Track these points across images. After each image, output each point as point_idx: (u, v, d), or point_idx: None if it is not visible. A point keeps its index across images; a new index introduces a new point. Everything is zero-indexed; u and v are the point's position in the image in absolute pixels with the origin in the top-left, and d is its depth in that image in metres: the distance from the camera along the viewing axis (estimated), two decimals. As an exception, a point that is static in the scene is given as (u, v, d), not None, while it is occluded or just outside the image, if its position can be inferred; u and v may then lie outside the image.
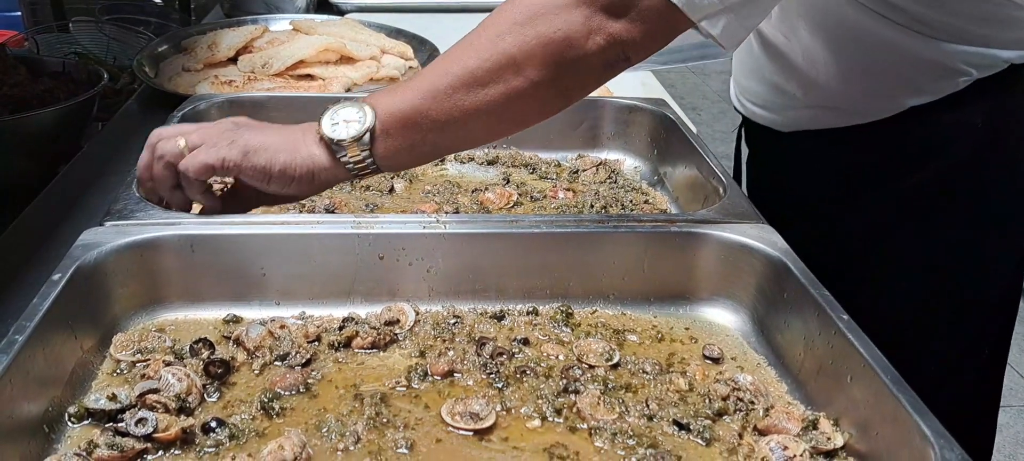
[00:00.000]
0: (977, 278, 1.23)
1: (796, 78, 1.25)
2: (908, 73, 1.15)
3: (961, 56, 1.12)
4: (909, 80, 1.15)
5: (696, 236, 1.08)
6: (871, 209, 1.24)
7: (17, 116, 1.43)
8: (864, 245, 1.26)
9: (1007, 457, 2.64)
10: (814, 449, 0.83)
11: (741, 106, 1.40)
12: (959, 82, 1.14)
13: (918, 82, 1.15)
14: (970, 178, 1.18)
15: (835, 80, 1.20)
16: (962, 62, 1.13)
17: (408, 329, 1.02)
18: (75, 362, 0.89)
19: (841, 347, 0.88)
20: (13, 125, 1.39)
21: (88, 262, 0.94)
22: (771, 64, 1.28)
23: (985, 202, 1.19)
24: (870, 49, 1.16)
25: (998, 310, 1.28)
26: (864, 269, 1.25)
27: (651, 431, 0.87)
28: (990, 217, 1.20)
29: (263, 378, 0.92)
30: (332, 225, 1.06)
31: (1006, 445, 2.69)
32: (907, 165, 1.20)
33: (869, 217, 1.25)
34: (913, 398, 0.78)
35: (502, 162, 1.48)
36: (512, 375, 0.95)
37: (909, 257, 1.23)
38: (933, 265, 1.22)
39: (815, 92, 1.23)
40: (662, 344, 1.03)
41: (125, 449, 0.79)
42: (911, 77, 1.15)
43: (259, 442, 0.83)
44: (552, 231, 1.08)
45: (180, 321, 1.01)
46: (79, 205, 1.20)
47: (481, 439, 0.86)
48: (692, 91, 5.90)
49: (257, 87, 1.63)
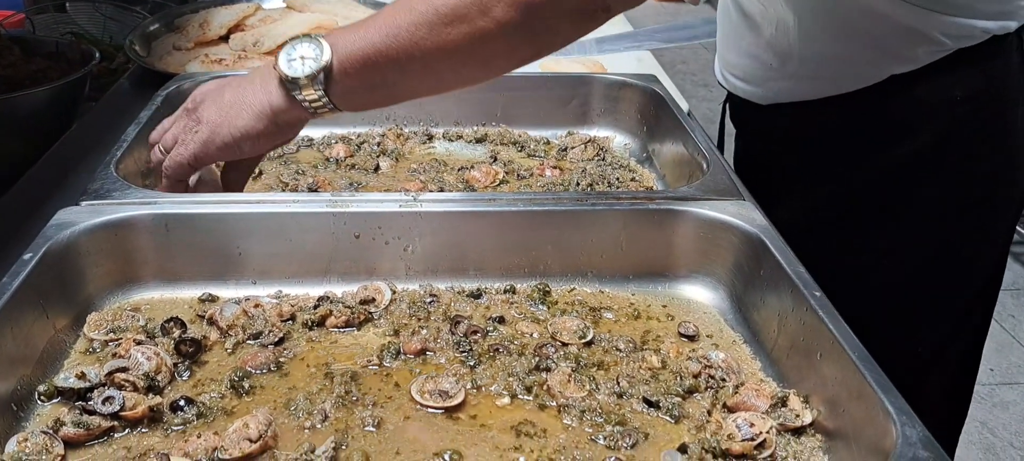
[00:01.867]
0: (960, 257, 1.22)
1: (772, 48, 1.23)
2: (884, 41, 1.13)
3: (939, 25, 1.10)
4: (885, 48, 1.13)
5: (675, 213, 1.07)
6: (853, 184, 1.23)
7: (9, 96, 1.44)
8: (847, 221, 1.25)
9: (1014, 435, 2.62)
10: (782, 426, 0.83)
11: (724, 80, 1.39)
12: (935, 51, 1.11)
13: (895, 49, 1.13)
14: (951, 153, 1.16)
15: (810, 48, 1.18)
16: (940, 32, 1.10)
17: (384, 308, 1.02)
18: (47, 341, 0.89)
19: (812, 324, 0.87)
20: (5, 105, 1.40)
21: (60, 241, 0.94)
22: (749, 34, 1.27)
23: (967, 177, 1.18)
24: (844, 16, 1.14)
25: (983, 287, 1.27)
26: (848, 245, 1.24)
27: (620, 408, 0.87)
28: (971, 193, 1.19)
29: (235, 357, 0.93)
30: (308, 204, 1.06)
31: (1012, 422, 2.67)
32: (887, 139, 1.18)
33: (851, 192, 1.23)
34: (879, 376, 0.77)
35: (490, 140, 1.47)
36: (485, 353, 0.95)
37: (891, 233, 1.22)
38: (915, 242, 1.21)
39: (791, 62, 1.21)
40: (638, 321, 1.02)
41: (92, 427, 0.79)
42: (887, 45, 1.13)
43: (226, 420, 0.84)
44: (530, 209, 1.07)
45: (155, 300, 1.02)
46: (63, 184, 1.20)
47: (450, 417, 0.86)
48: (704, 67, 5.84)
49: (248, 66, 1.63)
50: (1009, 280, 3.35)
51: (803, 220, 1.14)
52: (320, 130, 1.46)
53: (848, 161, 1.22)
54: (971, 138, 1.16)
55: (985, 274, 1.25)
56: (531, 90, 1.52)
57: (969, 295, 1.25)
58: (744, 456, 0.80)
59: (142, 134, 1.22)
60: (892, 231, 1.22)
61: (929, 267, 1.22)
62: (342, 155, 1.38)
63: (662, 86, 1.48)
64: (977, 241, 1.22)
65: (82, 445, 0.79)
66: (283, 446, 0.80)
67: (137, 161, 1.18)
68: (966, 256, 1.22)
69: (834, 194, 1.25)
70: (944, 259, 1.21)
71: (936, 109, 1.14)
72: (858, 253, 1.24)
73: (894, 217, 1.21)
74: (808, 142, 1.26)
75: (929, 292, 1.23)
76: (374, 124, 1.49)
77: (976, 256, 1.23)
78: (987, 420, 2.68)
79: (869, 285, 1.22)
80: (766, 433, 0.80)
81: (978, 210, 1.19)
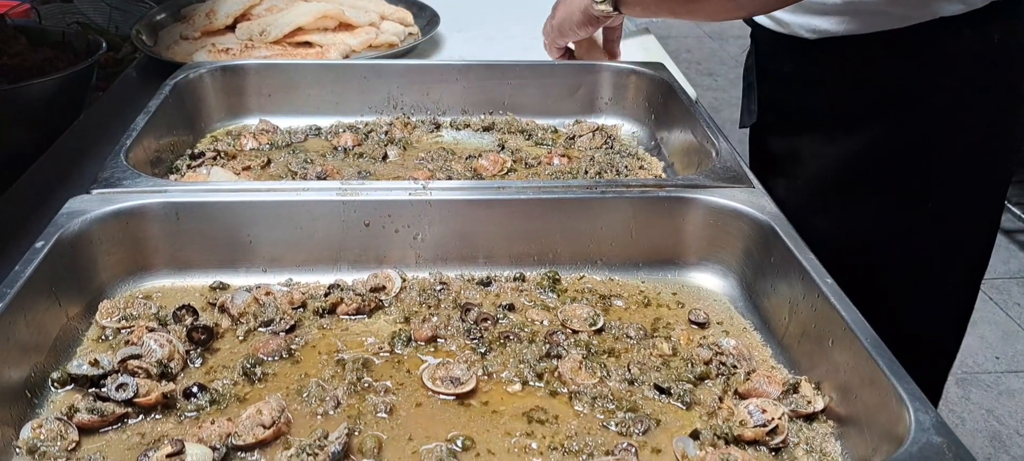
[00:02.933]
0: (964, 211, 1.26)
1: None
2: None
3: None
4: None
5: (685, 201, 1.07)
6: (885, 127, 1.24)
7: (16, 85, 1.44)
8: (872, 167, 1.27)
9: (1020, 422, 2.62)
10: (794, 412, 0.83)
11: (770, 20, 1.38)
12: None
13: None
14: (974, 105, 1.20)
15: None
16: None
17: (394, 296, 1.02)
18: (59, 329, 0.89)
19: (824, 311, 0.87)
20: (12, 94, 1.40)
21: (71, 230, 0.94)
22: None
23: (983, 130, 1.21)
24: None
25: (983, 242, 1.31)
26: (871, 193, 1.27)
27: (631, 395, 0.87)
28: (983, 145, 1.22)
29: (247, 344, 0.93)
30: (318, 192, 1.06)
31: (1018, 410, 2.67)
32: (926, 80, 1.20)
33: (879, 136, 1.25)
34: (891, 361, 0.77)
35: (498, 128, 1.47)
36: (495, 340, 0.95)
37: (910, 179, 1.25)
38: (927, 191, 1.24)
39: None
40: (648, 309, 1.03)
41: (106, 413, 0.80)
42: None
43: (239, 407, 0.84)
44: (540, 197, 1.07)
45: (167, 288, 1.02)
46: (72, 173, 1.20)
47: (461, 403, 0.86)
48: (709, 56, 5.83)
49: (254, 55, 1.62)
50: (1015, 268, 3.34)
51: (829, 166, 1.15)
52: (328, 119, 1.46)
53: (884, 103, 1.23)
54: (998, 86, 1.20)
55: (986, 229, 1.30)
56: (538, 78, 1.51)
57: (961, 270, 1.28)
58: (756, 442, 0.80)
59: (152, 123, 1.22)
60: (904, 194, 1.24)
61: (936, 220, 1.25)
62: (350, 144, 1.38)
63: (670, 74, 1.48)
64: (979, 198, 1.26)
65: (96, 431, 0.79)
66: (296, 432, 0.81)
67: (147, 150, 1.19)
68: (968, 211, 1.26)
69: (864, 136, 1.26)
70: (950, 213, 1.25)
71: (975, 51, 1.17)
72: (880, 197, 1.26)
73: (912, 166, 1.23)
74: (848, 80, 1.27)
75: (934, 245, 1.26)
76: (381, 113, 1.49)
77: (977, 212, 1.28)
78: (993, 408, 2.68)
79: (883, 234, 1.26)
80: (778, 419, 0.81)
81: (978, 162, 1.23)
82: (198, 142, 1.38)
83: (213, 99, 1.44)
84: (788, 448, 0.80)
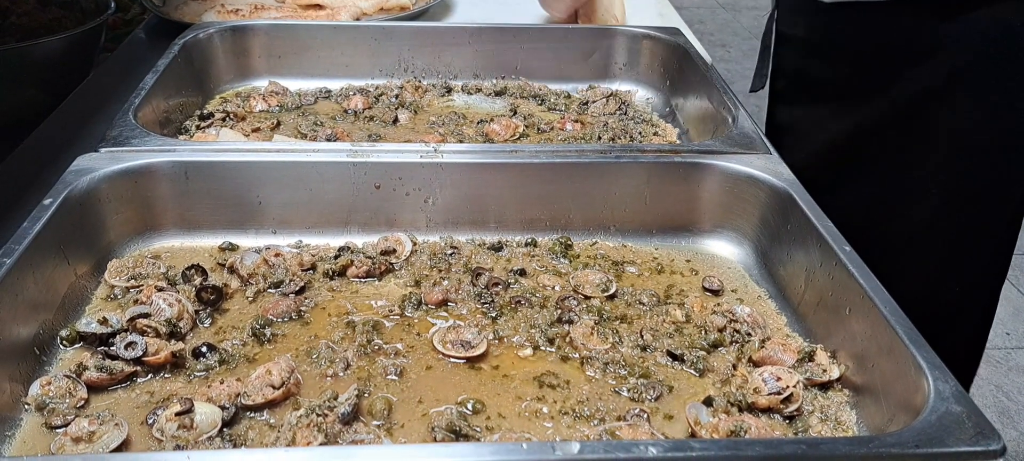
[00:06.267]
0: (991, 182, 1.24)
1: None
2: None
3: None
4: None
5: (700, 167, 1.06)
6: (894, 101, 1.22)
7: (25, 44, 1.43)
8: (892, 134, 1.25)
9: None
10: (809, 381, 0.82)
11: None
12: None
13: None
14: (981, 75, 1.18)
15: None
16: None
17: (404, 259, 1.01)
18: (68, 287, 0.89)
19: (841, 279, 0.86)
20: (21, 53, 1.39)
21: (80, 188, 0.93)
22: None
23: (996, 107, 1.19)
24: None
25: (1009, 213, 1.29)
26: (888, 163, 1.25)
27: (644, 361, 0.86)
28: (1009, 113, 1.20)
29: (256, 305, 0.92)
30: (328, 153, 1.04)
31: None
32: (937, 51, 1.18)
33: (891, 110, 1.23)
34: (911, 330, 0.76)
35: (510, 93, 1.45)
36: (506, 305, 0.94)
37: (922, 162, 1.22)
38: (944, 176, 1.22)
39: None
40: (662, 276, 1.01)
41: (115, 372, 0.79)
42: None
43: (248, 367, 0.83)
44: (552, 161, 1.06)
45: (176, 248, 1.01)
46: (81, 133, 1.19)
47: (471, 367, 0.85)
48: (722, 27, 5.77)
49: (264, 16, 1.61)
50: None
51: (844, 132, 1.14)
52: (338, 82, 1.44)
53: (894, 74, 1.21)
54: (1013, 56, 1.17)
55: (1009, 213, 1.26)
56: (551, 42, 1.49)
57: (993, 237, 1.26)
58: (770, 410, 0.79)
59: (160, 83, 1.20)
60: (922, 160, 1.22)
61: (957, 204, 1.23)
62: (360, 107, 1.36)
63: (685, 39, 1.46)
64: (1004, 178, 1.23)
65: (105, 389, 0.79)
66: (306, 393, 0.80)
67: (156, 110, 1.17)
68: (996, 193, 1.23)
69: (880, 103, 1.24)
70: (973, 194, 1.22)
71: (998, 21, 1.15)
72: (885, 186, 1.24)
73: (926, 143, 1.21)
74: (866, 43, 1.26)
75: (955, 232, 1.24)
76: (392, 76, 1.47)
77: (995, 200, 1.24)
78: (1002, 384, 2.66)
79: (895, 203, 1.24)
80: (793, 387, 0.80)
81: (1005, 141, 1.21)
82: (207, 103, 1.37)
83: (222, 60, 1.42)
84: (802, 416, 0.79)
